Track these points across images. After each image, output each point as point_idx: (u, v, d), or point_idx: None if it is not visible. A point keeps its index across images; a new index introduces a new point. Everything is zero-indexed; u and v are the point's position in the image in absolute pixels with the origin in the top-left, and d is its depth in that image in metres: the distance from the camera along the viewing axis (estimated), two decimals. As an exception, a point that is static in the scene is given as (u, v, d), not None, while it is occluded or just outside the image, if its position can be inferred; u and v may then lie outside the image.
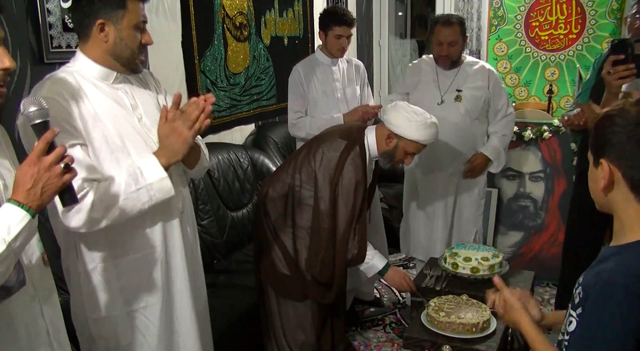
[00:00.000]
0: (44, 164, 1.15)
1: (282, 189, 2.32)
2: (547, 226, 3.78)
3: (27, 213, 1.13)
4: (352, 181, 2.23)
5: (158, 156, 1.55)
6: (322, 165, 2.25)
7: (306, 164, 2.28)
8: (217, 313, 2.12)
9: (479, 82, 2.97)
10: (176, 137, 1.54)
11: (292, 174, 2.31)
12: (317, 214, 2.24)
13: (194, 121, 1.54)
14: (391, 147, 2.32)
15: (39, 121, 1.20)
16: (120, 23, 1.54)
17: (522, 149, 3.91)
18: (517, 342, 2.20)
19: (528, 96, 4.88)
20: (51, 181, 1.16)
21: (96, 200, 1.46)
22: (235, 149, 3.42)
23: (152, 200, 1.54)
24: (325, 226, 2.24)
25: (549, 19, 4.45)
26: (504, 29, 4.59)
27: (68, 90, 1.51)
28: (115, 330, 1.64)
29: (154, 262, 1.66)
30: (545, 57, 4.49)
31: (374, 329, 3.17)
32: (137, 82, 1.70)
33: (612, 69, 2.18)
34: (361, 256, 2.29)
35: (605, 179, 1.15)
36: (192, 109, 1.55)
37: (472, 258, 2.35)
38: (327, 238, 2.24)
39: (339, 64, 3.11)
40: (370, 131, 2.37)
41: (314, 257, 2.27)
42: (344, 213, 2.23)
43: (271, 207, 2.34)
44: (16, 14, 2.20)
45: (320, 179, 2.24)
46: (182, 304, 1.73)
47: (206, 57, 3.27)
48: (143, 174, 1.52)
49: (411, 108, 2.34)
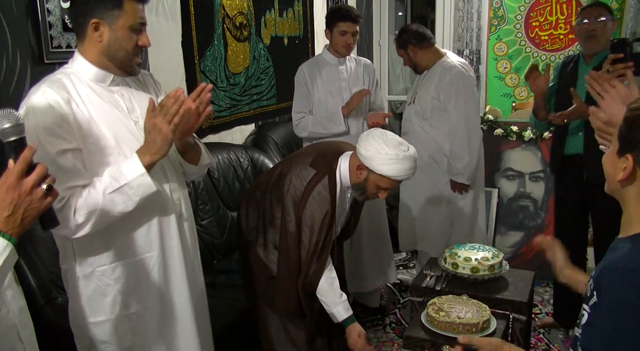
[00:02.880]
0: (25, 187, 1.04)
1: (256, 205, 2.28)
2: (547, 226, 3.78)
3: (8, 242, 1.04)
4: (314, 216, 2.10)
5: (142, 153, 1.51)
6: (289, 192, 2.14)
7: (276, 187, 2.21)
8: (217, 313, 2.12)
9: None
10: (156, 133, 1.48)
11: (263, 192, 2.26)
12: (285, 234, 2.16)
13: (173, 114, 1.47)
14: (361, 180, 2.11)
15: (14, 138, 1.09)
16: (115, 23, 1.52)
17: (522, 149, 3.92)
18: (517, 342, 2.20)
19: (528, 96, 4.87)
20: (33, 206, 1.06)
21: (79, 205, 1.45)
22: (235, 149, 3.42)
23: (134, 198, 1.50)
24: (292, 246, 2.15)
25: (549, 19, 4.45)
26: (504, 29, 4.59)
27: (62, 93, 1.49)
28: (115, 334, 1.63)
29: (152, 265, 1.65)
30: (545, 57, 4.49)
31: (374, 329, 3.17)
32: (135, 84, 1.68)
33: (610, 68, 2.19)
34: (311, 285, 2.16)
35: (627, 174, 1.14)
36: (170, 102, 1.47)
37: (472, 258, 2.34)
38: (294, 258, 2.16)
39: (346, 63, 3.11)
40: (345, 158, 2.18)
41: (282, 278, 2.21)
42: (306, 243, 2.13)
43: (243, 221, 2.31)
44: (16, 14, 2.20)
45: (288, 205, 2.15)
46: (181, 306, 1.73)
47: (206, 57, 3.27)
48: (123, 173, 1.49)
49: (387, 138, 2.07)
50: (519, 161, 3.91)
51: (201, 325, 1.82)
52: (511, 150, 3.96)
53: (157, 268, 1.66)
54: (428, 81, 3.12)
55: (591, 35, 2.66)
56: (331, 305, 2.16)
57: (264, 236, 2.26)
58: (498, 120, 4.11)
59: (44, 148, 1.43)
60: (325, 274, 2.16)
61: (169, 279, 1.70)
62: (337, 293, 2.17)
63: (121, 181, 1.48)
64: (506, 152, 3.97)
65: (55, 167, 1.42)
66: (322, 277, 2.15)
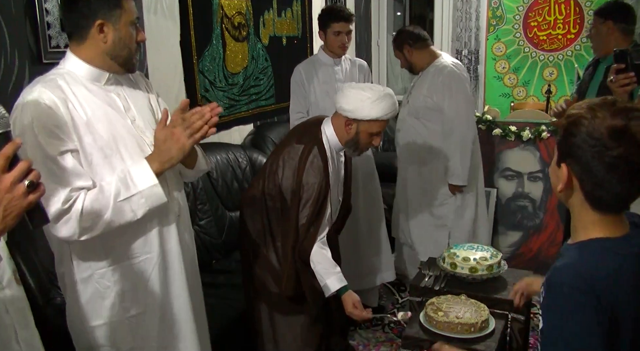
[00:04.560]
0: (4, 183, 0.99)
1: (256, 206, 2.28)
2: (545, 226, 3.79)
3: None
4: (308, 182, 2.14)
5: (151, 161, 1.52)
6: (284, 176, 2.18)
7: (271, 179, 2.23)
8: (216, 313, 2.12)
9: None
10: (173, 143, 1.51)
11: (261, 190, 2.26)
12: (287, 216, 2.19)
13: (196, 130, 1.51)
14: (352, 134, 2.18)
15: None
16: (118, 22, 1.52)
17: (520, 149, 3.92)
18: (515, 342, 2.20)
19: (526, 95, 4.88)
20: (14, 203, 1.00)
21: (86, 209, 1.44)
22: (234, 149, 3.42)
23: (144, 208, 1.52)
24: (292, 216, 2.18)
25: (547, 19, 4.45)
26: (502, 29, 4.60)
27: (58, 94, 1.48)
28: (115, 337, 1.62)
29: (152, 267, 1.64)
30: (543, 57, 4.50)
31: (373, 329, 3.18)
32: (127, 83, 1.67)
33: (614, 78, 2.26)
34: (305, 252, 2.17)
35: (563, 184, 1.14)
36: (196, 118, 1.51)
37: (470, 258, 2.34)
38: (293, 232, 2.18)
39: (341, 63, 3.11)
40: (327, 124, 2.25)
41: (285, 257, 2.22)
42: (303, 209, 2.16)
43: (250, 225, 2.30)
44: (14, 14, 2.20)
45: (285, 190, 2.18)
46: (180, 307, 1.72)
47: (204, 57, 3.26)
48: (134, 180, 1.49)
49: (360, 85, 2.19)
50: (518, 161, 3.91)
51: (199, 326, 1.81)
52: (510, 150, 3.97)
53: (157, 270, 1.65)
54: (422, 81, 3.15)
55: (591, 41, 2.85)
56: (325, 274, 2.15)
57: (271, 235, 2.26)
58: (496, 120, 4.11)
59: (44, 150, 1.42)
60: (318, 245, 2.18)
61: (168, 280, 1.69)
62: (331, 263, 2.19)
63: (132, 190, 1.49)
64: (504, 152, 3.98)
65: (58, 169, 1.42)
66: (316, 247, 2.16)
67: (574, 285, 1.06)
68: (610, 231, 1.12)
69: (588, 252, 1.11)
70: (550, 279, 1.11)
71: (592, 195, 1.11)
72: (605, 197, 1.09)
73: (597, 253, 1.10)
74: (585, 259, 1.10)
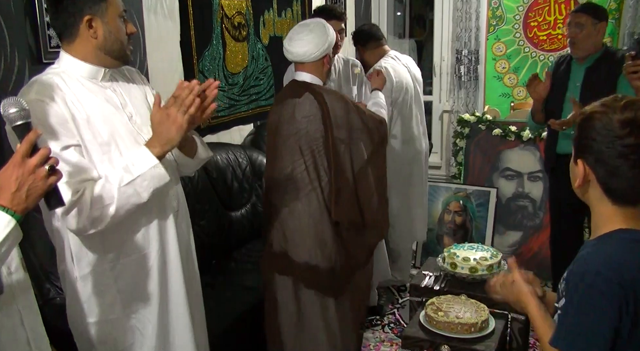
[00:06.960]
0: (28, 166, 1.11)
1: (286, 180, 2.26)
2: (545, 226, 3.78)
3: (12, 218, 1.10)
4: (343, 106, 2.24)
5: (151, 145, 1.52)
6: (306, 131, 2.20)
7: (290, 147, 2.23)
8: (216, 313, 2.11)
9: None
10: (170, 124, 1.49)
11: (289, 164, 2.23)
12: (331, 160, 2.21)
13: (189, 105, 1.48)
14: (328, 65, 2.31)
15: (20, 123, 1.18)
16: (106, 15, 1.53)
17: (520, 149, 3.92)
18: (515, 342, 2.20)
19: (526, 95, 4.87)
20: (36, 184, 1.12)
21: (95, 198, 1.45)
22: (234, 149, 3.42)
23: (148, 190, 1.51)
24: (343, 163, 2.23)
25: (547, 19, 4.45)
26: (502, 29, 4.59)
27: (56, 92, 1.49)
28: (115, 333, 1.63)
29: (151, 262, 1.65)
30: (543, 57, 4.49)
31: (373, 329, 3.18)
32: (123, 79, 1.68)
33: (631, 62, 2.34)
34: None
35: (581, 179, 1.20)
36: (185, 93, 1.48)
37: (470, 258, 2.35)
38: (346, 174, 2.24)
39: (334, 63, 3.11)
40: (302, 75, 2.30)
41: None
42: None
43: (283, 204, 2.26)
44: (14, 14, 2.20)
45: (313, 136, 2.21)
46: (177, 302, 1.72)
47: (204, 57, 3.26)
48: (135, 164, 1.49)
49: (298, 36, 2.26)
50: (518, 161, 3.91)
51: (197, 322, 1.82)
52: (510, 150, 3.97)
53: (156, 265, 1.66)
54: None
55: (572, 42, 2.77)
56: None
57: (317, 177, 2.24)
58: (497, 120, 4.11)
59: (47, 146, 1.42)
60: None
61: (167, 275, 1.70)
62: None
63: (134, 173, 1.48)
64: (505, 152, 3.98)
65: (63, 162, 1.42)
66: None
67: (603, 275, 1.08)
68: (630, 224, 1.17)
69: (613, 242, 1.15)
70: (580, 272, 1.13)
71: (608, 187, 1.16)
72: (621, 187, 1.15)
73: (624, 243, 1.14)
74: (614, 248, 1.14)
